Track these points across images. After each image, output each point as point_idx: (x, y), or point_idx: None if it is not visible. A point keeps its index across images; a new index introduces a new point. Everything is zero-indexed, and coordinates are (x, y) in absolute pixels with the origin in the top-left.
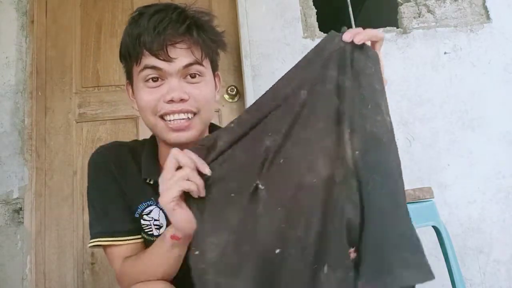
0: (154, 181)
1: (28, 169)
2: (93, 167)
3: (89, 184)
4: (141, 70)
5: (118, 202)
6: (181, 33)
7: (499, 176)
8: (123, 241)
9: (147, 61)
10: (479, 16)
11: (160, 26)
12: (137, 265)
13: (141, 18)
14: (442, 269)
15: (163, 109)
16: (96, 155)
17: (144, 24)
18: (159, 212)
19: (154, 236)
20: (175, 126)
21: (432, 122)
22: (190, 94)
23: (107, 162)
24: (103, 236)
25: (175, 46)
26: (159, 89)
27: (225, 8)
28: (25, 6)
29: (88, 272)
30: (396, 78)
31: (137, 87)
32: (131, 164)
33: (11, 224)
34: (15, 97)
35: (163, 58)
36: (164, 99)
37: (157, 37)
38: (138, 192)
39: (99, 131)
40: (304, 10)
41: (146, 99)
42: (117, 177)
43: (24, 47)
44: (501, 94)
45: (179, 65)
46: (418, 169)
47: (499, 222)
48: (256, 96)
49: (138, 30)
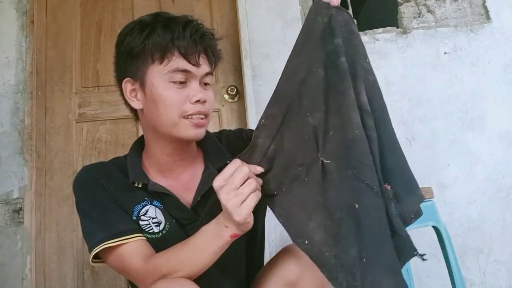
0: (143, 184)
1: (28, 169)
2: (81, 184)
3: (80, 200)
4: (170, 71)
5: (114, 207)
6: (209, 45)
7: (499, 176)
8: (132, 238)
9: (179, 64)
10: (479, 16)
11: (196, 35)
12: (175, 259)
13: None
14: (442, 269)
15: (190, 110)
16: (81, 174)
17: (177, 30)
18: (155, 210)
19: (155, 233)
20: (197, 122)
21: (432, 122)
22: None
23: (94, 176)
24: (108, 239)
25: (201, 56)
26: (184, 90)
27: (225, 8)
28: (25, 6)
29: (88, 272)
30: (396, 78)
31: (159, 86)
32: (117, 174)
33: (11, 224)
34: (15, 97)
35: (194, 63)
36: (191, 100)
37: (194, 44)
38: (130, 197)
39: (99, 131)
40: (304, 10)
41: (175, 98)
42: (106, 187)
43: (24, 47)
44: (501, 94)
45: (203, 71)
46: (418, 169)
47: (499, 222)
48: (256, 96)
49: (170, 34)
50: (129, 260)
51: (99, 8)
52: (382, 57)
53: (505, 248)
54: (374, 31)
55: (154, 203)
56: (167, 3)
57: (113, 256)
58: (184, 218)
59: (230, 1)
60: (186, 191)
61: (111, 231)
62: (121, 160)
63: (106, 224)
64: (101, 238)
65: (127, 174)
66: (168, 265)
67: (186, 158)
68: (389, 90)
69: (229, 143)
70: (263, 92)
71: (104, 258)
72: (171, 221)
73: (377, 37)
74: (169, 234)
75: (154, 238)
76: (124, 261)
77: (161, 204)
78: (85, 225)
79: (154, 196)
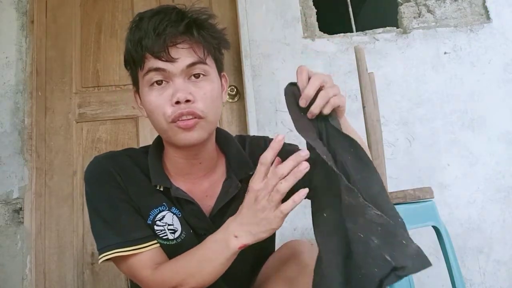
0: (164, 187)
1: (28, 169)
2: (94, 177)
3: (91, 194)
4: (145, 74)
5: (129, 209)
6: (182, 33)
7: (499, 176)
8: (145, 248)
9: (151, 64)
10: (479, 16)
11: (159, 27)
12: (183, 272)
13: (141, 22)
14: (442, 269)
15: (172, 113)
16: (94, 165)
17: (145, 27)
18: (173, 217)
19: (170, 240)
20: (183, 124)
21: (432, 122)
22: (195, 96)
23: (109, 170)
24: (121, 247)
25: (177, 46)
26: (165, 91)
27: (225, 8)
28: (25, 6)
29: (88, 272)
30: (396, 78)
31: (143, 92)
32: (135, 171)
33: (11, 224)
34: (15, 97)
35: (165, 59)
36: (171, 102)
37: (158, 39)
38: (148, 199)
39: (99, 131)
40: (304, 10)
41: (154, 102)
42: (123, 185)
43: (24, 47)
44: (501, 94)
45: (182, 65)
46: (418, 169)
47: (499, 222)
48: (256, 96)
49: (139, 34)
50: (140, 271)
51: (99, 8)
52: (382, 57)
53: (505, 248)
54: (374, 31)
55: (172, 209)
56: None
57: (123, 263)
58: (201, 228)
59: (230, 1)
60: (205, 197)
61: (124, 237)
62: (139, 154)
63: (119, 228)
64: (113, 243)
65: (146, 173)
66: (177, 277)
67: (204, 161)
68: (389, 90)
69: (252, 152)
70: (263, 92)
71: (114, 261)
72: (187, 230)
73: (377, 37)
74: (184, 243)
75: (167, 244)
76: (135, 271)
77: (180, 212)
78: (96, 224)
79: (173, 201)
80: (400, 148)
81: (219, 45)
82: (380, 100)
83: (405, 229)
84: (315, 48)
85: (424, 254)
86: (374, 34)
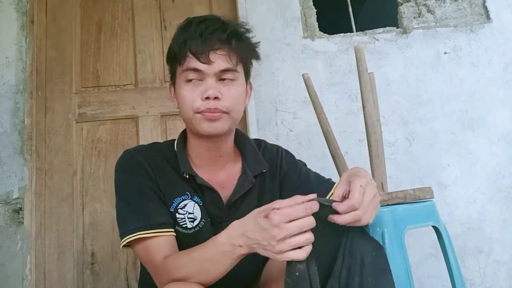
0: (190, 175)
1: (28, 169)
2: (125, 169)
3: (120, 182)
4: (183, 71)
5: (155, 197)
6: (222, 41)
7: (499, 176)
8: (162, 233)
9: (190, 63)
10: (479, 16)
11: (206, 33)
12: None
13: (190, 26)
14: (442, 269)
15: (201, 107)
16: (125, 158)
17: (192, 30)
18: (194, 206)
19: (188, 229)
20: (209, 116)
21: (432, 122)
22: (223, 94)
23: (140, 162)
24: (143, 230)
25: (216, 52)
26: (197, 88)
27: (225, 8)
28: (25, 6)
29: (88, 272)
30: (396, 78)
31: (179, 85)
32: (163, 162)
33: (11, 224)
34: (15, 97)
35: (204, 61)
36: (202, 97)
37: (202, 42)
38: (174, 187)
39: (99, 131)
40: (304, 10)
41: (187, 96)
42: (152, 175)
43: (24, 47)
44: (501, 94)
45: (216, 69)
46: (418, 169)
47: (499, 222)
48: (256, 96)
49: (185, 35)
50: (154, 254)
51: (99, 8)
52: (382, 57)
53: (505, 248)
54: (374, 31)
55: (194, 198)
56: (167, 3)
57: (141, 245)
58: (218, 216)
59: (230, 1)
60: (221, 189)
61: (149, 221)
62: (165, 147)
63: (144, 213)
64: (137, 226)
65: (172, 164)
66: (184, 271)
67: (223, 155)
68: (389, 90)
69: (263, 154)
70: (263, 92)
71: (132, 244)
72: (206, 218)
73: (377, 37)
74: (201, 232)
75: (186, 233)
76: (150, 254)
77: (201, 200)
78: (121, 209)
79: (196, 190)
80: (400, 148)
81: (251, 57)
82: (380, 100)
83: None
84: (315, 48)
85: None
86: (374, 34)
